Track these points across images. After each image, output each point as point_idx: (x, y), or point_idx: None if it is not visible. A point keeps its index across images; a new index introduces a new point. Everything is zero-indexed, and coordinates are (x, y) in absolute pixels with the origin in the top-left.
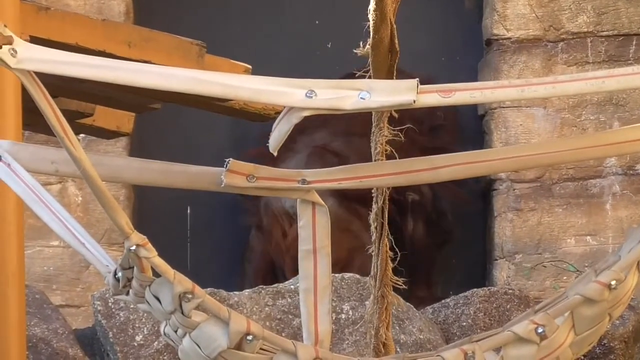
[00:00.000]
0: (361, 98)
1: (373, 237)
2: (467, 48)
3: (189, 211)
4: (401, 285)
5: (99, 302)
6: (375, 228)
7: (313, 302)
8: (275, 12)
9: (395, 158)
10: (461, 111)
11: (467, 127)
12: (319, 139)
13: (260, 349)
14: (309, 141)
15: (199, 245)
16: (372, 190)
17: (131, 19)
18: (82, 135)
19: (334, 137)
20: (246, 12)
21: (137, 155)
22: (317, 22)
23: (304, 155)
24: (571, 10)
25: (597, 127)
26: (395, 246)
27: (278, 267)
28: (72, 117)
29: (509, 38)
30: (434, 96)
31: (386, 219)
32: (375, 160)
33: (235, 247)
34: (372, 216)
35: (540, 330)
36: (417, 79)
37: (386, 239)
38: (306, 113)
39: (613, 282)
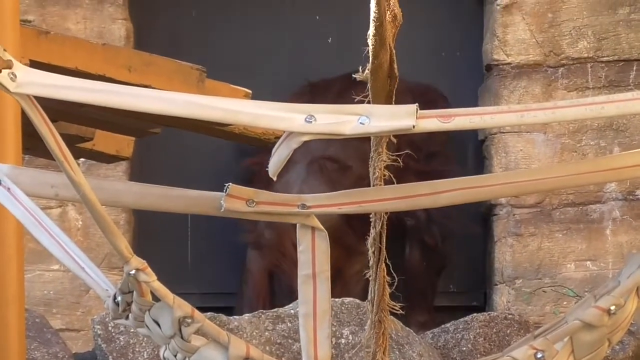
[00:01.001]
0: (360, 123)
1: (370, 262)
2: (468, 72)
3: (189, 233)
4: (398, 310)
5: (99, 326)
6: (373, 253)
7: (312, 327)
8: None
9: (394, 183)
10: (461, 136)
11: (468, 152)
12: (314, 146)
13: None
14: (305, 149)
15: (200, 269)
16: (370, 215)
17: (131, 43)
18: (82, 159)
19: (330, 142)
20: (246, 36)
21: (137, 179)
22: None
23: (303, 164)
24: (571, 36)
25: (597, 152)
26: (392, 271)
27: (284, 282)
28: (72, 141)
29: (509, 63)
30: (433, 121)
31: (384, 243)
32: (374, 185)
33: (236, 268)
34: (369, 241)
35: (539, 355)
36: (417, 104)
37: (383, 264)
38: (306, 138)
39: (612, 308)
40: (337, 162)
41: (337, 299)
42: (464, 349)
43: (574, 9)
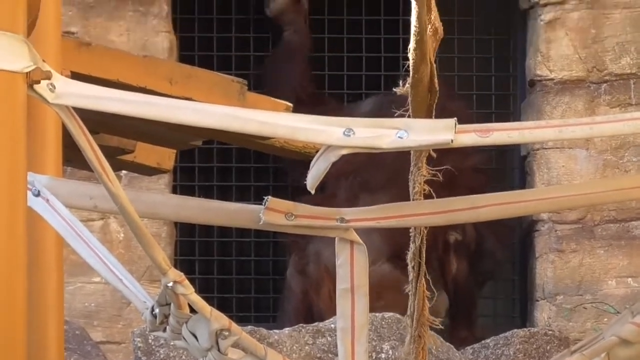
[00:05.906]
0: (399, 137)
1: (410, 277)
2: (512, 88)
3: (233, 247)
4: (438, 325)
5: (139, 339)
6: (413, 267)
7: (350, 341)
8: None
9: (433, 197)
10: (505, 152)
11: (510, 168)
12: None
13: None
14: None
15: (243, 281)
16: (410, 230)
17: (175, 55)
18: (123, 171)
19: None
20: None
21: (179, 192)
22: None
23: None
24: (615, 52)
25: (639, 168)
26: (432, 286)
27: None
28: (113, 154)
29: (552, 79)
30: (471, 136)
31: (423, 258)
32: (413, 200)
33: (279, 282)
34: (409, 255)
35: None
36: (455, 118)
37: (423, 279)
38: (344, 151)
39: None
40: None
41: (377, 314)
42: None
43: (617, 25)
